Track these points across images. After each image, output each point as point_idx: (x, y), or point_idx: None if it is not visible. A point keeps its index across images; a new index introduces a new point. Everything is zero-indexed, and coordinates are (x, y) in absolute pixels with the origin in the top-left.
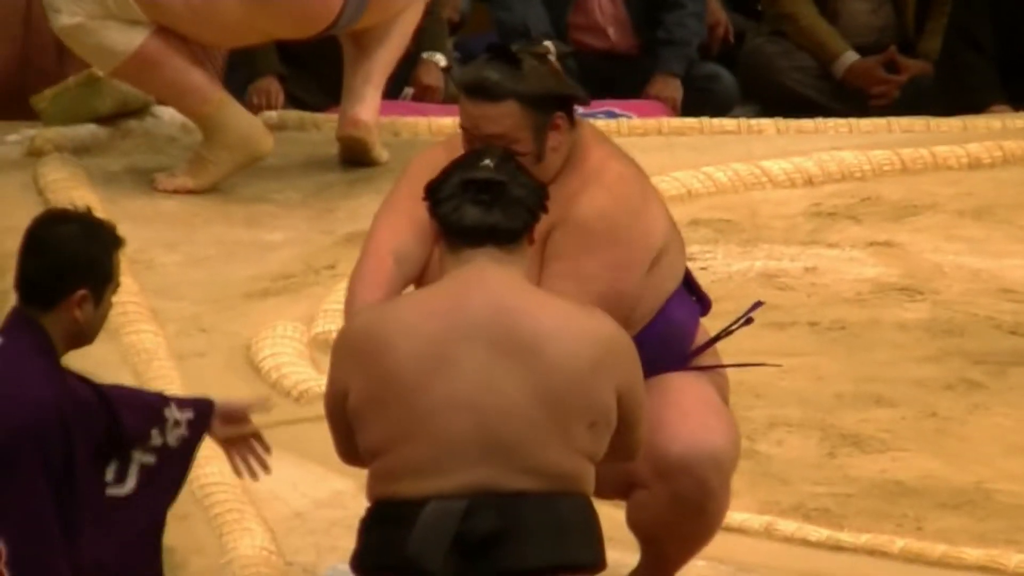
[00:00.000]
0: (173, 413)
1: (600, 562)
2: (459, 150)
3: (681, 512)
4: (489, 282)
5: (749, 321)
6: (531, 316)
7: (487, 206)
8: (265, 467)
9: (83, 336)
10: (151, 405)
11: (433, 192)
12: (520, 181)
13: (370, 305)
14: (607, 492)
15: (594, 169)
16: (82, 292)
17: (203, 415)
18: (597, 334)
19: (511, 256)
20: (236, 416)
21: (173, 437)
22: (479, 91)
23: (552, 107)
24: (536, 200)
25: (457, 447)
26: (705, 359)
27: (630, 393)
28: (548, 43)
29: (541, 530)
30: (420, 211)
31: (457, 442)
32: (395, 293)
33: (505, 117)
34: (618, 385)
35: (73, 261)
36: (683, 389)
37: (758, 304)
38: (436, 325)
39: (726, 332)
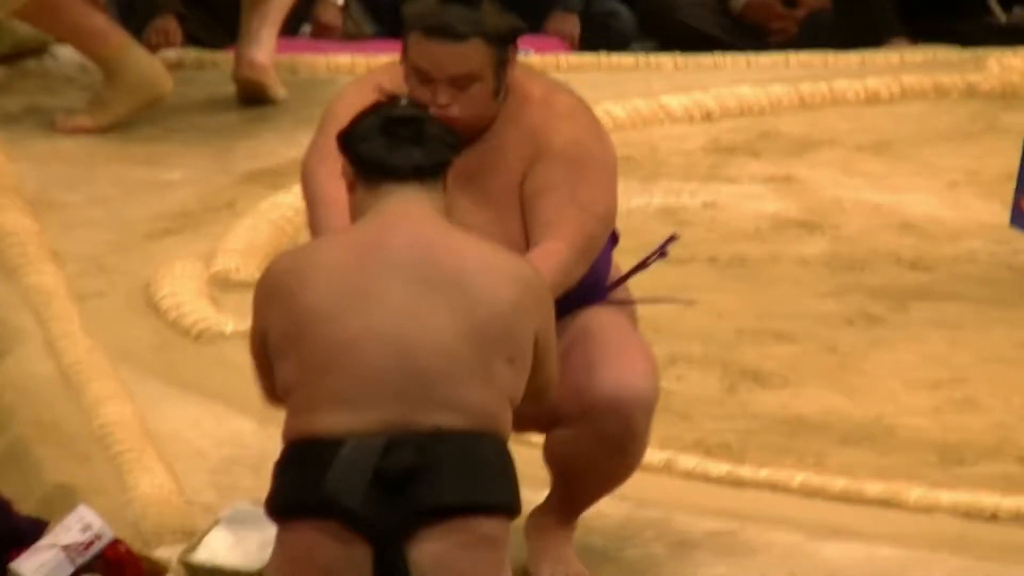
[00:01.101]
0: None
1: (516, 506)
2: (370, 92)
3: (605, 451)
4: (412, 217)
5: (664, 254)
6: (455, 252)
7: (411, 142)
8: None
9: None
10: None
11: (350, 135)
12: (435, 121)
13: (293, 248)
14: (527, 425)
15: (545, 102)
16: None
17: None
18: (517, 274)
19: (431, 194)
20: None
21: None
22: (444, 31)
23: (509, 42)
24: (453, 139)
25: (375, 378)
26: (618, 294)
27: (544, 335)
28: None
29: (459, 468)
30: None
31: (376, 373)
32: None
33: (471, 56)
34: (536, 327)
35: None
36: (607, 327)
37: (672, 238)
38: (357, 259)
39: (642, 265)
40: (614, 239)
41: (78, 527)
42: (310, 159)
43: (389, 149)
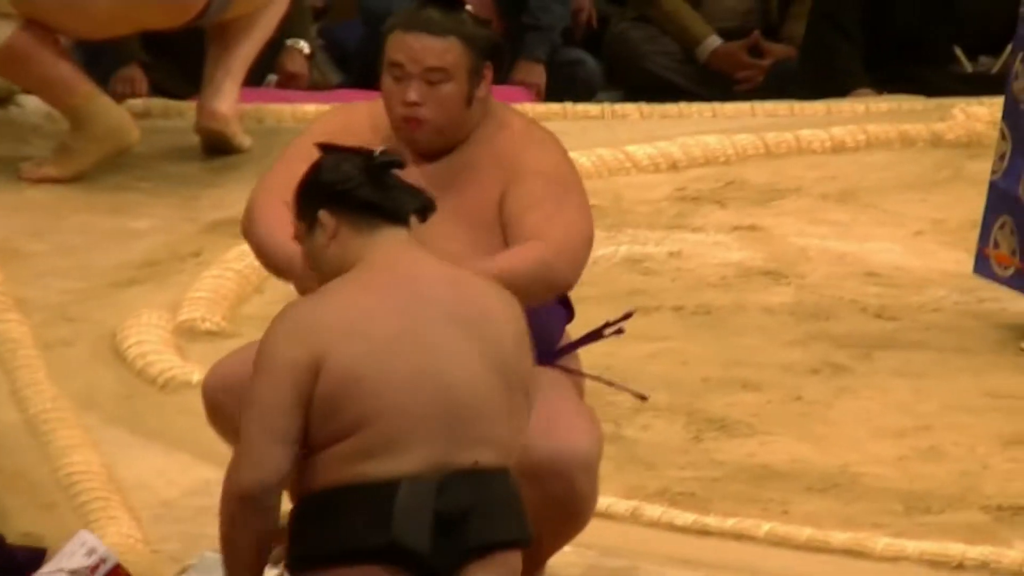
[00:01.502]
0: None
1: (531, 540)
2: (356, 119)
3: (551, 512)
4: (428, 257)
5: (620, 331)
6: (473, 288)
7: (397, 187)
8: None
9: None
10: None
11: (330, 182)
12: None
13: (310, 296)
14: None
15: (523, 131)
16: None
17: None
18: (516, 310)
19: (411, 234)
20: None
21: None
22: (423, 25)
23: (485, 55)
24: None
25: (423, 420)
26: (568, 363)
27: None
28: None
29: (502, 505)
30: None
31: (424, 414)
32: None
33: (447, 52)
34: (531, 360)
35: None
36: (549, 390)
37: (628, 315)
38: (396, 303)
39: (595, 336)
40: (569, 312)
41: (82, 552)
42: (279, 160)
43: (383, 193)
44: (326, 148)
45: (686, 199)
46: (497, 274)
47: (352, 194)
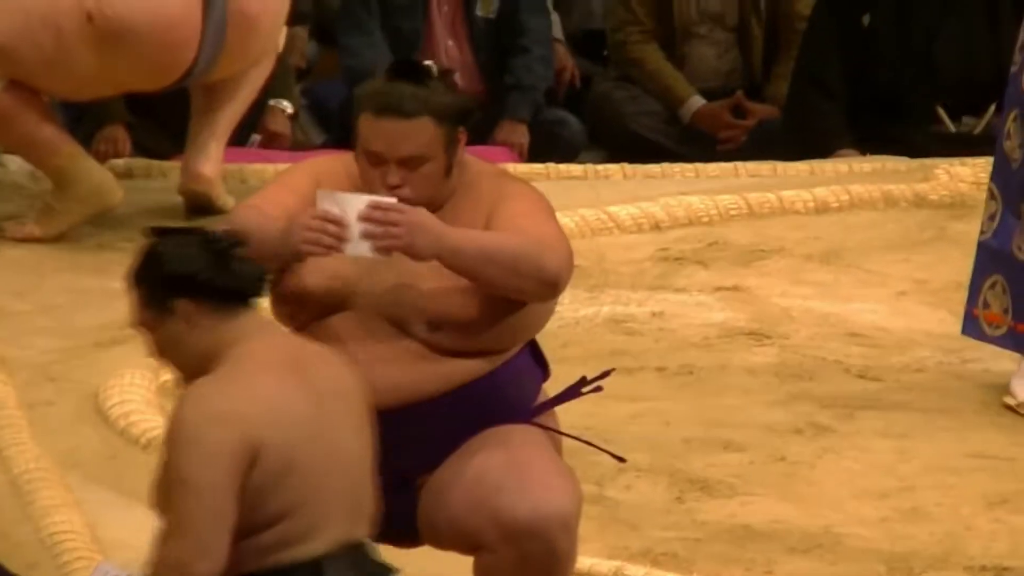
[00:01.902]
0: None
1: None
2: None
3: (529, 573)
4: (288, 334)
5: (599, 388)
6: (333, 362)
7: (245, 264)
8: None
9: None
10: None
11: (179, 275)
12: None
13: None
14: (450, 547)
15: (499, 178)
16: None
17: None
18: (362, 381)
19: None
20: None
21: None
22: (394, 109)
23: (458, 122)
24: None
25: (336, 503)
26: (546, 421)
27: None
28: (429, 62)
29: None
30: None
31: (336, 498)
32: None
33: (421, 134)
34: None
35: None
36: (526, 447)
37: (607, 372)
38: (295, 382)
39: (572, 393)
40: (544, 371)
41: None
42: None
43: (235, 276)
44: (159, 232)
45: (669, 259)
46: (485, 243)
47: (210, 282)
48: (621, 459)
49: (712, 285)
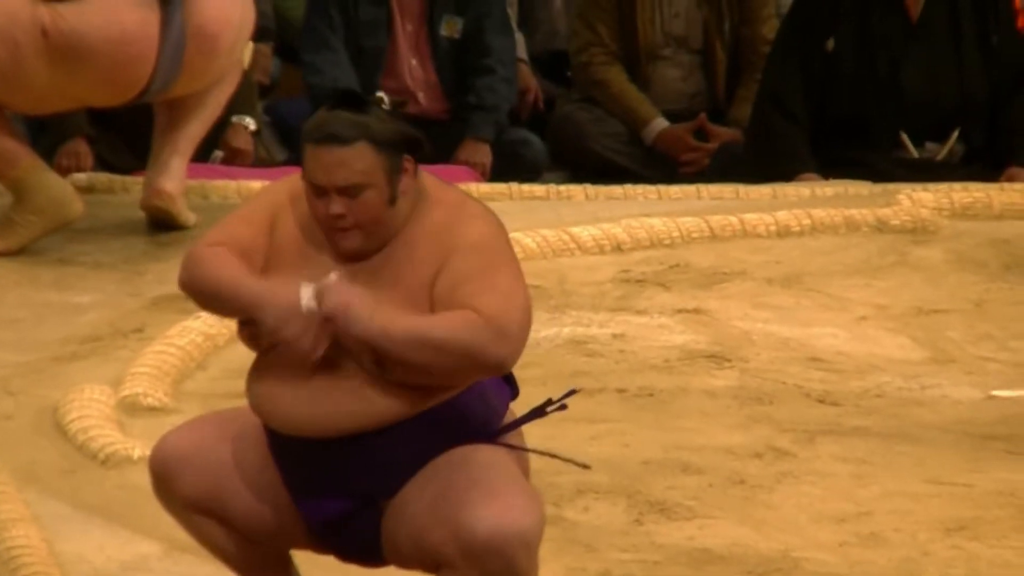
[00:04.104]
0: None
1: None
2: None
3: None
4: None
5: (563, 407)
6: None
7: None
8: None
9: None
10: None
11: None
12: None
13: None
14: (412, 565)
15: (456, 205)
16: None
17: None
18: None
19: None
20: None
21: None
22: (331, 137)
23: (402, 150)
24: None
25: None
26: (512, 440)
27: None
28: (381, 93)
29: None
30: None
31: None
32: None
33: (359, 160)
34: None
35: None
36: (489, 466)
37: (572, 392)
38: None
39: (537, 413)
40: (513, 389)
41: None
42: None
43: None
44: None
45: (630, 281)
46: (421, 332)
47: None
48: (585, 466)
49: (673, 307)
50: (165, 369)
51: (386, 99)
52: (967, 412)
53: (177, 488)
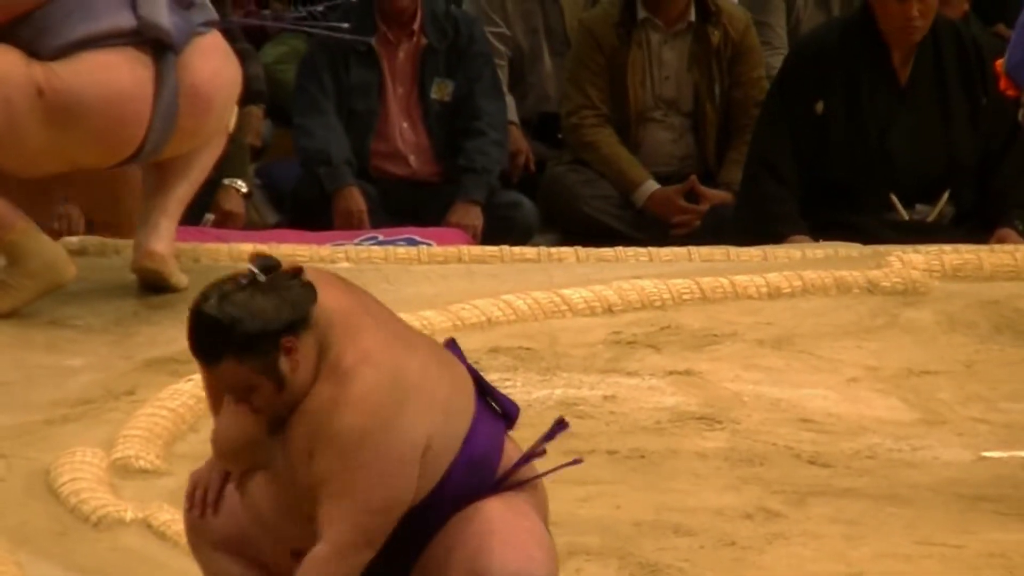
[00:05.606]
0: None
1: None
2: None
3: None
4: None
5: (551, 437)
6: None
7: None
8: None
9: None
10: None
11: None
12: None
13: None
14: None
15: (346, 375)
16: None
17: None
18: None
19: None
20: None
21: None
22: (196, 355)
23: (275, 340)
24: None
25: None
26: (522, 475)
27: None
28: (250, 266)
29: None
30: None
31: None
32: None
33: (230, 375)
34: None
35: None
36: (501, 516)
37: (561, 422)
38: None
39: (534, 453)
40: (511, 416)
41: None
42: None
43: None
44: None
45: (621, 343)
46: None
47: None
48: (578, 461)
49: (664, 369)
50: (157, 431)
51: (254, 271)
52: (958, 473)
53: (211, 524)
